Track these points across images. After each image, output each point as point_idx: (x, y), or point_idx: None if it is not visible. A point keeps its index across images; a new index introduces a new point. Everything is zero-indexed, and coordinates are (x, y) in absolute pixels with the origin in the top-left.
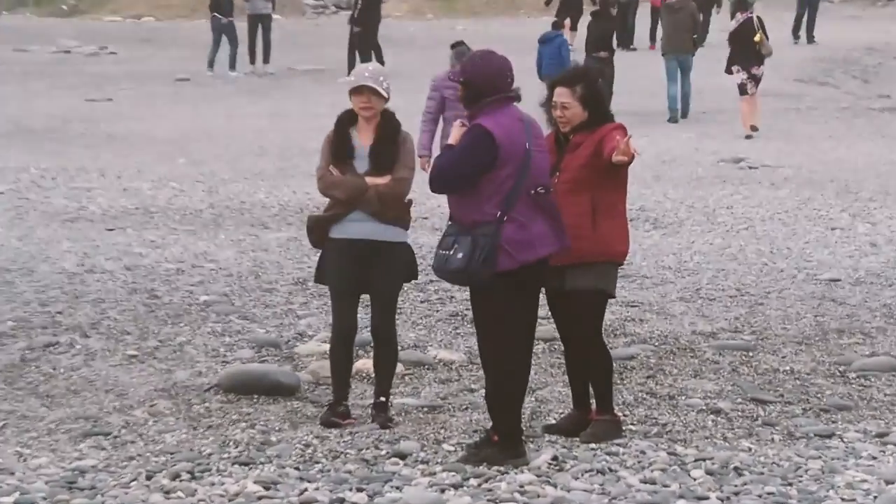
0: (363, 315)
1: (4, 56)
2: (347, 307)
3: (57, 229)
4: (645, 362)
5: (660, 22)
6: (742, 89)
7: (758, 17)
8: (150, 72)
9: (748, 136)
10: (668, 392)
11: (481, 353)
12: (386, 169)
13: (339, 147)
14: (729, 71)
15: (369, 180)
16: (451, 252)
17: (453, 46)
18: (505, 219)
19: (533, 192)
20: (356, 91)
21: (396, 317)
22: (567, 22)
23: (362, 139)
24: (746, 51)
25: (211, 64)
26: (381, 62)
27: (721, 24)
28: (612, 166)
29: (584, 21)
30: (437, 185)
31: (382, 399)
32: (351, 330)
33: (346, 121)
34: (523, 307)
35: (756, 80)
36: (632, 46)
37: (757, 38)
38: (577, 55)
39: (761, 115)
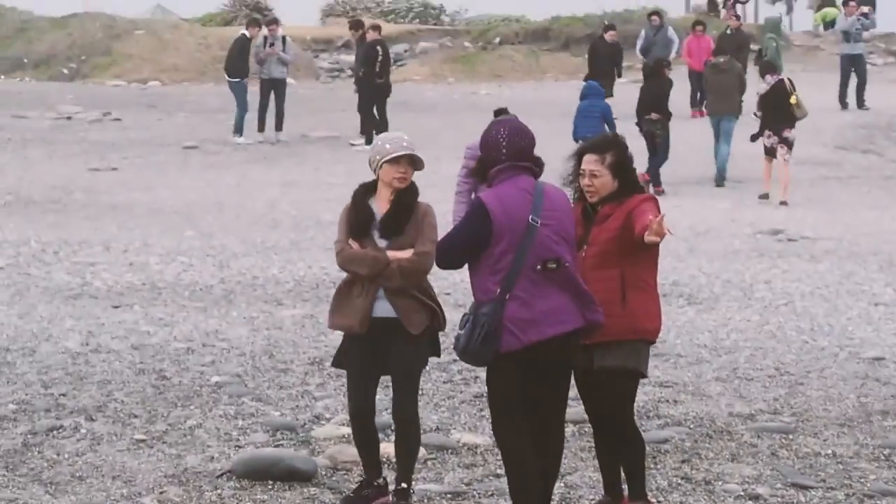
0: (383, 397)
1: (2, 122)
2: (365, 387)
3: (59, 306)
4: (679, 446)
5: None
6: (771, 152)
7: (789, 79)
8: (157, 139)
9: (782, 203)
10: (703, 477)
11: (493, 435)
12: (401, 238)
13: (358, 219)
14: (758, 136)
15: (391, 254)
16: (461, 332)
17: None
18: (507, 297)
19: (539, 267)
20: (394, 161)
21: (419, 398)
22: None
23: (381, 211)
24: (779, 114)
25: (238, 129)
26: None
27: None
28: (642, 241)
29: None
30: (439, 261)
31: (404, 486)
32: (366, 410)
33: (365, 191)
34: (535, 387)
35: (789, 144)
36: None
37: (793, 100)
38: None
39: (796, 183)
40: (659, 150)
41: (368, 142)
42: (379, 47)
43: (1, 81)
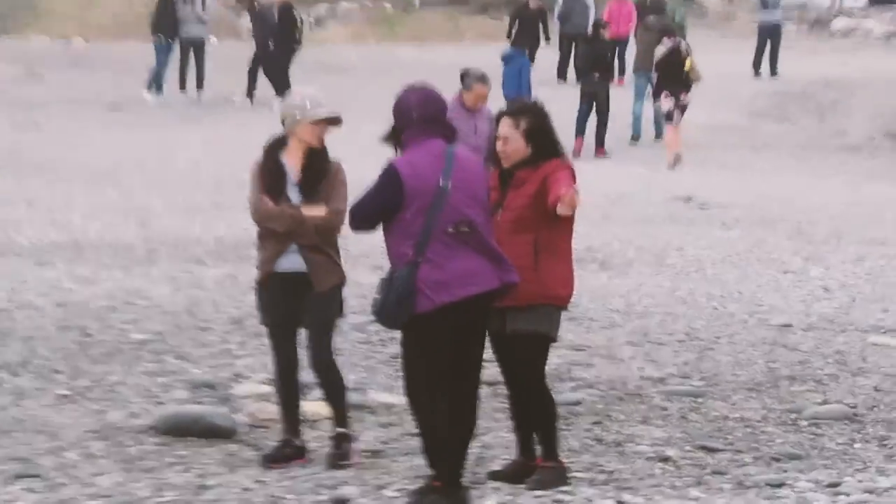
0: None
1: None
2: (285, 341)
3: None
4: (592, 408)
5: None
6: (669, 117)
7: (686, 43)
8: (80, 97)
9: (673, 165)
10: (615, 438)
11: (407, 397)
12: (315, 195)
13: (273, 177)
14: (657, 97)
15: (305, 211)
16: (377, 295)
17: (462, 76)
18: (420, 259)
19: (451, 229)
20: (318, 122)
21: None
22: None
23: (294, 167)
24: (674, 77)
25: (150, 85)
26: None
27: None
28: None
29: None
30: (352, 223)
31: (341, 430)
32: (291, 363)
33: (276, 147)
34: (449, 349)
35: (682, 108)
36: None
37: (688, 65)
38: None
39: (708, 149)
40: (601, 109)
41: None
42: (294, 12)
43: None
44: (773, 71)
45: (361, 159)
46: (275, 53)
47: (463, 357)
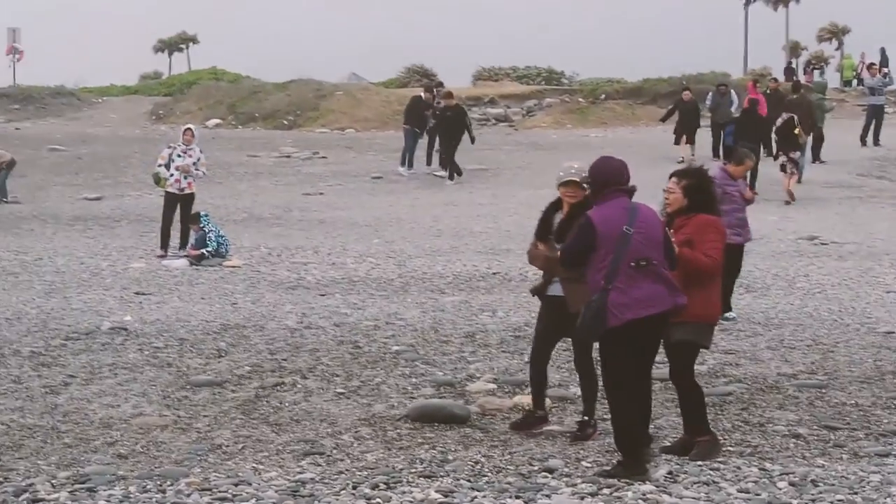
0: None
1: (240, 160)
2: (545, 344)
3: (281, 295)
4: (740, 397)
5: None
6: (783, 168)
7: (795, 117)
8: (352, 171)
9: (787, 203)
10: (758, 421)
11: (605, 391)
12: None
13: (541, 227)
14: (776, 156)
15: (549, 252)
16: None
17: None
18: (609, 287)
19: (633, 264)
20: (564, 184)
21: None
22: (684, 138)
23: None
24: (787, 140)
25: (403, 163)
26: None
27: None
28: None
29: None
30: (561, 262)
31: (585, 418)
32: (544, 358)
33: (553, 206)
34: (634, 355)
35: (794, 162)
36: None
37: (797, 131)
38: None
39: (826, 201)
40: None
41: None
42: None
43: (239, 130)
44: (877, 141)
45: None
46: (445, 144)
47: (643, 360)
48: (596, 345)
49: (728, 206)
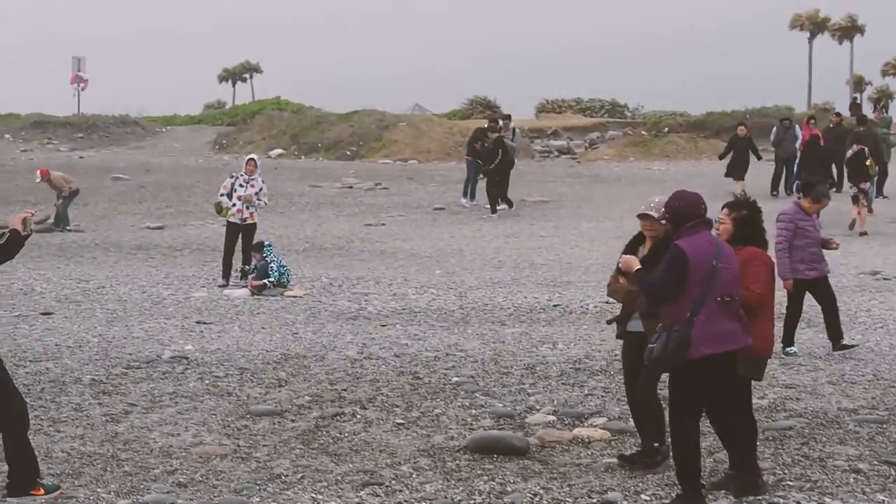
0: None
1: (303, 190)
2: (633, 377)
3: (342, 325)
4: (800, 432)
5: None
6: (854, 200)
7: (865, 148)
8: (413, 202)
9: (862, 234)
10: (818, 455)
11: (670, 423)
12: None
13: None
14: (839, 187)
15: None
16: (655, 345)
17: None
18: (694, 319)
19: (719, 299)
20: (640, 216)
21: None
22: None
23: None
24: (857, 172)
25: (465, 194)
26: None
27: None
28: None
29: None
30: (658, 299)
31: (656, 444)
32: (635, 392)
33: (637, 239)
34: (702, 389)
35: (865, 193)
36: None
37: (868, 162)
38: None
39: (890, 236)
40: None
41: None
42: (507, 143)
43: (302, 161)
44: None
45: (624, 238)
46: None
47: (727, 394)
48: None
49: (801, 240)
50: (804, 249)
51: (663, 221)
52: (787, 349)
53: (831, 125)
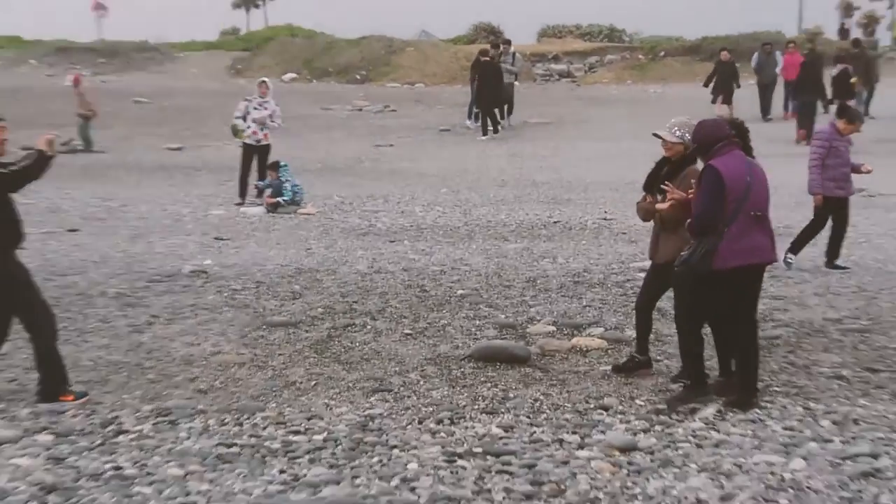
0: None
1: (315, 113)
2: (647, 291)
3: (353, 241)
4: (787, 341)
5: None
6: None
7: (850, 67)
8: (420, 124)
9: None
10: (804, 363)
11: (678, 323)
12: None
13: (649, 180)
14: (830, 104)
15: (658, 206)
16: (685, 254)
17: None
18: (724, 231)
19: (752, 213)
20: (655, 135)
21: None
22: (720, 98)
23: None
24: (842, 90)
25: (469, 116)
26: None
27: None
28: None
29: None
30: (703, 227)
31: (647, 359)
32: (644, 303)
33: (663, 161)
34: (727, 300)
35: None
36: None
37: (852, 80)
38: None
39: (877, 154)
40: (809, 113)
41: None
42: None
43: (314, 84)
44: None
45: (621, 157)
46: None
47: (740, 305)
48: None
49: (833, 160)
50: (836, 169)
51: (673, 141)
52: (789, 256)
53: (805, 52)
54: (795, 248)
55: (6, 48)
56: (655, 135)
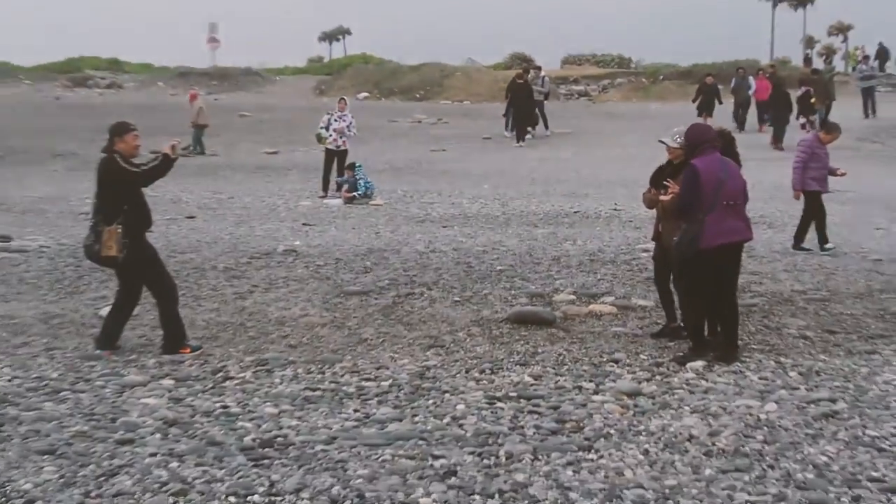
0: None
1: (383, 125)
2: (659, 269)
3: (413, 226)
4: (762, 308)
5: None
6: (803, 127)
7: (811, 89)
8: (467, 134)
9: None
10: (775, 325)
11: (680, 297)
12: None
13: (653, 176)
14: (798, 118)
15: (661, 197)
16: (676, 238)
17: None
18: (705, 219)
19: (726, 203)
20: (661, 142)
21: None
22: (704, 114)
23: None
24: (805, 108)
25: (506, 127)
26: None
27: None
28: None
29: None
30: (681, 212)
31: (678, 324)
32: (662, 279)
33: (663, 167)
34: (714, 273)
35: (812, 123)
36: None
37: (812, 100)
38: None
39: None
40: (781, 121)
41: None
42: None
43: (382, 102)
44: (870, 115)
45: (628, 160)
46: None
47: (725, 278)
48: None
49: (814, 163)
50: (816, 170)
51: (674, 146)
52: (825, 246)
53: (768, 75)
54: (798, 237)
55: (140, 73)
56: (661, 141)
